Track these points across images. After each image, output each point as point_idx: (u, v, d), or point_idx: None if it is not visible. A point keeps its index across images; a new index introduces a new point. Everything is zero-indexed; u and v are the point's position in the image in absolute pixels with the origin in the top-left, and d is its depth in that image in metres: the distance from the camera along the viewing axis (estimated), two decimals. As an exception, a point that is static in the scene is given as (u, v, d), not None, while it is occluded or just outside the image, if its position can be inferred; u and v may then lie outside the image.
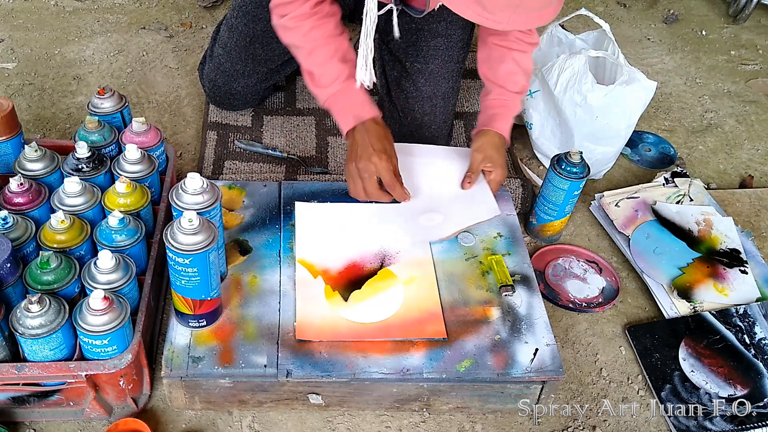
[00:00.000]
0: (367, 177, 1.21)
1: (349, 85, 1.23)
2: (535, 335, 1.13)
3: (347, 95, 1.24)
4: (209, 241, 0.97)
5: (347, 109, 1.24)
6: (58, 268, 1.02)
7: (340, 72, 1.23)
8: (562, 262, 1.41)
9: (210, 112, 1.66)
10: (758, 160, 1.77)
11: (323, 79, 1.23)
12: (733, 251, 1.41)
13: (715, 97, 1.98)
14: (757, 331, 1.26)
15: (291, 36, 1.22)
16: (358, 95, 1.24)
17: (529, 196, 1.51)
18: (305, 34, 1.21)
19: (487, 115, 1.37)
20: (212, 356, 1.05)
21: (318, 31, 1.21)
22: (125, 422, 1.05)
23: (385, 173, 1.21)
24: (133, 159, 1.19)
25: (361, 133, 1.22)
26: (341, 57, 1.23)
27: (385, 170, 1.21)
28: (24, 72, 1.80)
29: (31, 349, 0.97)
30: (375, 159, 1.20)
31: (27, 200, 1.12)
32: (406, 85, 1.44)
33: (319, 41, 1.22)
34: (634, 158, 1.71)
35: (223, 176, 1.48)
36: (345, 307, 1.15)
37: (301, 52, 1.23)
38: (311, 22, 1.20)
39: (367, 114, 1.23)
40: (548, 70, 1.51)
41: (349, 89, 1.23)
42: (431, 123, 1.48)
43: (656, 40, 2.22)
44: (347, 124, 1.24)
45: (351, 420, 1.12)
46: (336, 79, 1.23)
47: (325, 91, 1.24)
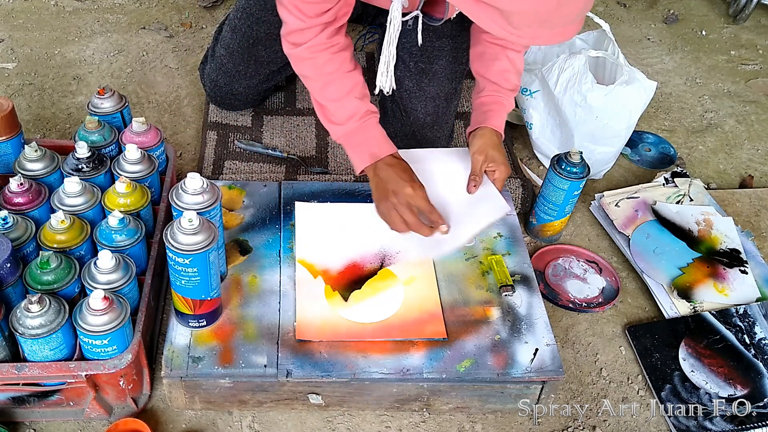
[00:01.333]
0: (405, 209, 1.17)
1: (365, 123, 1.21)
2: (535, 335, 1.13)
3: (364, 133, 1.21)
4: (209, 241, 0.97)
5: (363, 147, 1.21)
6: (58, 268, 1.02)
7: (357, 109, 1.20)
8: (562, 262, 1.41)
9: (210, 112, 1.66)
10: (758, 160, 1.77)
11: (338, 115, 1.21)
12: (733, 251, 1.41)
13: (715, 97, 1.98)
14: (757, 331, 1.26)
15: (304, 67, 1.20)
16: (374, 133, 1.22)
17: (529, 196, 1.51)
18: (320, 66, 1.18)
19: (481, 112, 1.35)
20: (212, 356, 1.05)
21: (333, 64, 1.18)
22: (125, 422, 1.05)
23: (422, 201, 1.17)
24: (133, 159, 1.19)
25: (384, 170, 1.19)
26: (358, 94, 1.21)
27: (421, 198, 1.17)
28: (24, 72, 1.80)
29: (31, 349, 0.97)
30: (408, 189, 1.16)
31: (27, 200, 1.12)
32: (409, 84, 1.44)
33: (335, 75, 1.19)
34: (634, 158, 1.71)
35: (223, 176, 1.48)
36: (345, 307, 1.15)
37: (315, 84, 1.21)
38: (326, 55, 1.18)
39: (384, 151, 1.21)
40: (548, 70, 1.51)
41: (365, 127, 1.21)
42: (433, 123, 1.48)
43: (656, 40, 2.22)
44: (363, 162, 1.21)
45: (351, 420, 1.12)
46: (352, 116, 1.20)
47: (341, 128, 1.22)
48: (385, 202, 1.17)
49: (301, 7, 1.12)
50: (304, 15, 1.13)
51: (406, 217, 1.16)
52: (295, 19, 1.13)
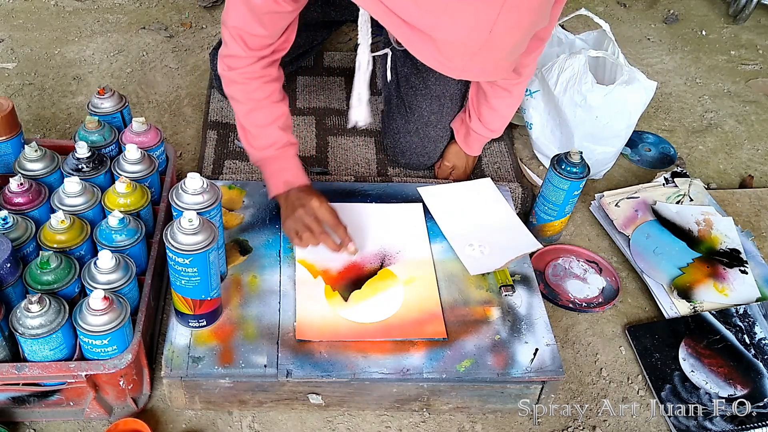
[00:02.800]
0: (312, 219, 1.18)
1: (284, 152, 1.25)
2: (535, 335, 1.13)
3: (281, 162, 1.25)
4: (209, 241, 0.97)
5: (279, 174, 1.24)
6: (58, 268, 1.02)
7: (279, 138, 1.24)
8: (562, 262, 1.41)
9: (210, 112, 1.66)
10: (758, 160, 1.77)
11: (259, 140, 1.24)
12: (733, 251, 1.41)
13: (715, 97, 1.98)
14: (757, 331, 1.26)
15: (235, 90, 1.22)
16: (292, 163, 1.25)
17: (529, 196, 1.51)
18: (250, 92, 1.21)
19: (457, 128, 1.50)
20: (212, 356, 1.05)
21: (262, 92, 1.21)
22: (125, 422, 1.05)
23: (328, 214, 1.19)
24: (133, 159, 1.19)
25: (295, 192, 1.22)
26: (282, 124, 1.24)
27: (327, 211, 1.19)
28: (24, 72, 1.80)
29: (31, 349, 0.97)
30: (315, 202, 1.19)
31: (27, 200, 1.12)
32: (416, 81, 1.45)
33: (263, 103, 1.22)
34: (634, 158, 1.71)
35: (223, 176, 1.48)
36: (345, 307, 1.15)
37: (242, 108, 1.23)
38: (258, 83, 1.20)
39: (299, 181, 1.24)
40: (548, 70, 1.51)
41: (284, 156, 1.25)
42: (437, 122, 1.49)
43: (656, 40, 2.22)
44: (277, 188, 1.24)
45: (351, 420, 1.12)
46: (272, 144, 1.24)
47: (260, 153, 1.25)
48: (292, 216, 1.19)
49: (245, 39, 1.15)
50: (246, 46, 1.16)
51: (312, 226, 1.18)
52: (236, 46, 1.16)
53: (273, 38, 1.17)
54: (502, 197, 1.40)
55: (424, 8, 0.85)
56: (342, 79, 1.82)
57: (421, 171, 1.57)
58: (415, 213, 1.34)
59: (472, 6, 0.83)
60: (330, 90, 1.78)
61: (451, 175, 1.53)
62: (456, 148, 1.52)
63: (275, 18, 1.14)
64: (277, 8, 1.10)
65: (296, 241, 1.20)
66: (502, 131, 1.48)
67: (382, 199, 1.37)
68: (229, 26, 1.15)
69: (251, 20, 1.12)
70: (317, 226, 1.18)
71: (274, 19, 1.14)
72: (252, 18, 1.12)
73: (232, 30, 1.15)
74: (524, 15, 0.86)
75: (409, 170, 1.56)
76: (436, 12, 0.84)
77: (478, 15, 0.84)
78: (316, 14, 1.54)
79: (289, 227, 1.20)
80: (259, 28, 1.13)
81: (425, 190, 1.39)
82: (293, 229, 1.19)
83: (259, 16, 1.12)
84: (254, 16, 1.12)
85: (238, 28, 1.14)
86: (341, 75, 1.84)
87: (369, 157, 1.59)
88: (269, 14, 1.12)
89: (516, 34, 0.88)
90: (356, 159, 1.59)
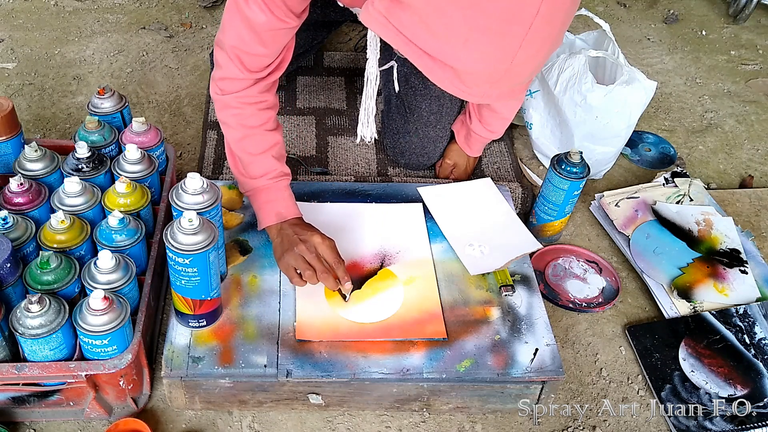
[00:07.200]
0: (314, 256, 1.11)
1: (277, 183, 1.19)
2: (535, 335, 1.13)
3: (274, 193, 1.19)
4: (209, 241, 0.97)
5: (271, 205, 1.19)
6: (58, 268, 1.02)
7: (272, 168, 1.19)
8: (562, 262, 1.41)
9: (210, 112, 1.66)
10: (758, 160, 1.77)
11: (252, 169, 1.19)
12: (733, 251, 1.41)
13: (715, 97, 1.98)
14: (757, 331, 1.26)
15: (228, 115, 1.18)
16: (284, 194, 1.20)
17: (529, 196, 1.51)
18: (244, 118, 1.17)
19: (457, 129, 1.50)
20: (212, 356, 1.05)
21: (257, 119, 1.17)
22: (125, 422, 1.05)
23: (330, 252, 1.13)
24: (133, 159, 1.19)
25: (289, 228, 1.17)
26: (276, 153, 1.20)
27: (329, 248, 1.13)
28: (24, 72, 1.80)
29: (31, 349, 0.97)
30: (317, 238, 1.13)
31: (27, 200, 1.12)
32: (415, 81, 1.45)
33: (256, 130, 1.17)
34: (634, 158, 1.71)
35: (223, 176, 1.48)
36: (345, 307, 1.15)
37: (234, 134, 1.18)
38: (253, 110, 1.16)
39: (291, 213, 1.19)
40: (548, 70, 1.51)
41: (277, 187, 1.19)
42: (437, 122, 1.49)
43: (656, 40, 2.22)
44: (268, 219, 1.19)
45: (351, 420, 1.12)
46: (265, 174, 1.19)
47: (252, 182, 1.20)
48: (291, 252, 1.13)
49: (243, 59, 1.11)
50: (243, 67, 1.11)
51: (314, 263, 1.11)
52: (233, 68, 1.11)
53: (272, 57, 1.13)
54: (502, 197, 1.40)
55: (443, 40, 0.83)
56: (342, 79, 1.82)
57: (421, 171, 1.57)
58: (415, 213, 1.34)
59: (494, 39, 0.81)
60: (330, 90, 1.78)
61: (452, 173, 1.53)
62: (457, 147, 1.52)
63: (277, 35, 1.10)
64: (281, 25, 1.07)
65: (296, 280, 1.12)
66: (503, 132, 1.48)
67: (382, 199, 1.37)
68: (226, 46, 1.11)
69: (251, 39, 1.08)
70: (320, 264, 1.11)
71: (276, 36, 1.10)
72: (252, 37, 1.08)
73: (229, 50, 1.10)
74: (546, 43, 0.84)
75: (409, 170, 1.57)
76: (456, 45, 0.83)
77: (499, 47, 0.82)
78: (316, 14, 1.54)
79: (287, 264, 1.13)
80: (259, 47, 1.09)
81: (425, 190, 1.39)
82: (292, 267, 1.12)
83: (260, 34, 1.08)
84: (255, 35, 1.08)
85: (236, 48, 1.09)
86: (341, 75, 1.84)
87: (369, 157, 1.59)
88: (272, 32, 1.08)
89: (536, 60, 0.87)
90: (356, 159, 1.59)
